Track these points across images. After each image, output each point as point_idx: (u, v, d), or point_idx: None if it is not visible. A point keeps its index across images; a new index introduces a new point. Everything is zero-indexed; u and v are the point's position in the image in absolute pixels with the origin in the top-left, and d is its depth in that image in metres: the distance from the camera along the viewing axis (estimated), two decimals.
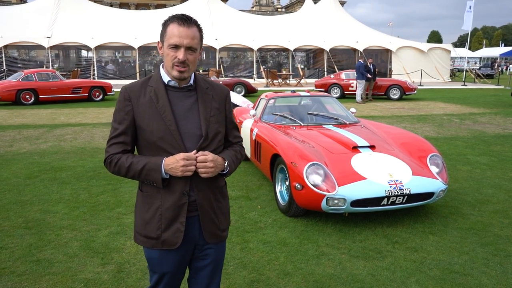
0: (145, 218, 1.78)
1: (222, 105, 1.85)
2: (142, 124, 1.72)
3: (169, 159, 1.67)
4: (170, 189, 1.73)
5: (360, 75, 15.22)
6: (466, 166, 6.25)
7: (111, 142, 1.75)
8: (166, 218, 1.74)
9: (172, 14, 1.73)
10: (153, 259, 1.82)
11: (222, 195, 1.89)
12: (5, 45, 23.18)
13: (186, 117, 1.74)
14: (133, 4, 57.87)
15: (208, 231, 1.81)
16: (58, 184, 5.30)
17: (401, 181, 3.90)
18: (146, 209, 1.78)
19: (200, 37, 1.73)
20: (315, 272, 3.17)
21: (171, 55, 1.68)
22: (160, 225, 1.75)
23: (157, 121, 1.70)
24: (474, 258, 3.39)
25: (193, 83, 1.79)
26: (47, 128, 9.68)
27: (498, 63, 45.69)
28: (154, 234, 1.76)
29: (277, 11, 73.71)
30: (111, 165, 1.74)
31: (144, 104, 1.72)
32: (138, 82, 1.79)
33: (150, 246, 1.79)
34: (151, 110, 1.71)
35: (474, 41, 78.45)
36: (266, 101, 5.97)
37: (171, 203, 1.73)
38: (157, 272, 1.83)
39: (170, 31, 1.68)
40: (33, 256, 3.36)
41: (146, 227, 1.77)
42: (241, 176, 5.70)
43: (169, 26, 1.69)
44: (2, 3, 45.23)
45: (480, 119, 11.38)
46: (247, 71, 27.08)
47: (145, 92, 1.74)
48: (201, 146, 1.72)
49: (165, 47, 1.71)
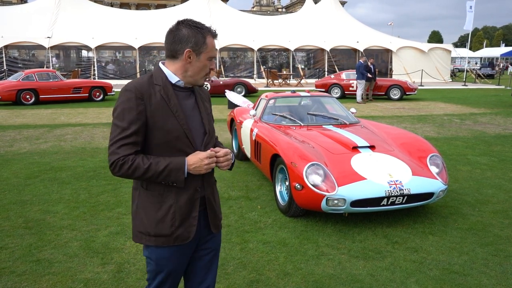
0: (157, 217, 1.77)
1: (209, 104, 1.99)
2: (157, 124, 1.71)
3: (192, 159, 1.72)
4: (185, 186, 1.76)
5: (360, 75, 15.22)
6: (466, 166, 6.25)
7: (121, 143, 1.67)
8: (180, 215, 1.77)
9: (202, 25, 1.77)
10: (162, 258, 1.81)
11: (216, 189, 2.01)
12: (6, 45, 23.20)
13: (190, 116, 1.80)
14: (134, 4, 57.91)
15: (213, 222, 1.92)
16: (58, 184, 5.31)
17: (401, 181, 3.90)
18: (157, 208, 1.77)
19: None
20: (315, 272, 3.17)
21: (208, 65, 1.79)
22: (174, 222, 1.77)
23: (171, 120, 1.72)
24: (474, 259, 3.38)
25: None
26: (47, 128, 9.69)
27: (499, 63, 45.65)
28: (168, 231, 1.77)
29: (277, 11, 73.74)
30: (123, 166, 1.66)
31: (156, 103, 1.71)
32: (143, 80, 1.75)
33: (161, 244, 1.78)
34: (164, 110, 1.72)
35: (474, 41, 78.40)
36: (266, 101, 5.97)
37: (186, 200, 1.78)
38: (164, 271, 1.83)
39: (210, 43, 1.76)
40: (33, 256, 3.37)
41: (158, 226, 1.77)
42: (241, 176, 5.70)
43: (207, 38, 1.76)
44: (3, 3, 45.31)
45: (481, 119, 11.37)
46: (248, 71, 27.08)
47: (155, 91, 1.72)
48: (205, 142, 1.83)
49: (203, 59, 1.77)
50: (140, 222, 1.81)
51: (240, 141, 6.27)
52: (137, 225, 1.82)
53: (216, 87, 16.88)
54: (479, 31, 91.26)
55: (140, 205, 1.81)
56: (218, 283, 3.00)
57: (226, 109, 13.08)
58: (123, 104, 1.69)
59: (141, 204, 1.80)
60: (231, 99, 10.90)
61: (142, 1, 58.49)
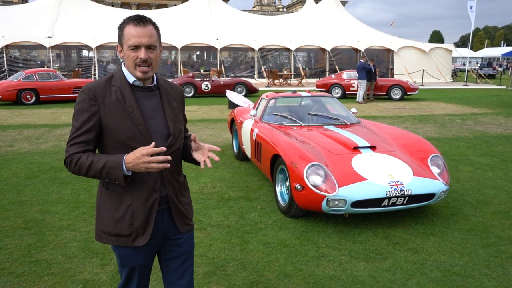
0: (115, 217, 1.78)
1: (180, 104, 1.92)
2: (111, 124, 1.71)
3: (130, 156, 1.65)
4: (141, 186, 1.76)
5: (361, 75, 15.18)
6: (467, 167, 6.23)
7: (72, 141, 1.72)
8: (138, 215, 1.77)
9: (128, 17, 1.74)
10: (124, 254, 1.84)
11: (185, 188, 1.97)
12: (7, 45, 23.18)
13: (152, 117, 1.77)
14: (135, 4, 57.91)
15: (180, 221, 1.89)
16: (58, 184, 5.29)
17: (402, 182, 3.88)
18: (116, 208, 1.78)
19: (158, 35, 1.76)
20: (315, 273, 3.15)
21: (132, 55, 1.71)
22: (132, 222, 1.77)
23: (126, 121, 1.71)
24: (475, 260, 3.36)
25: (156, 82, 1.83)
26: (47, 128, 9.68)
27: (501, 63, 45.56)
28: (127, 232, 1.78)
29: (278, 11, 73.69)
30: (71, 164, 1.71)
31: (111, 104, 1.72)
32: (100, 81, 1.77)
33: (121, 244, 1.80)
34: (119, 110, 1.72)
35: (476, 41, 78.34)
36: (266, 101, 5.95)
37: (143, 200, 1.76)
38: (128, 266, 1.87)
39: (127, 32, 1.70)
40: (32, 256, 3.35)
41: (116, 226, 1.78)
42: (242, 177, 5.69)
43: (125, 28, 1.71)
44: (4, 3, 45.35)
45: (482, 119, 11.34)
46: (248, 71, 27.03)
47: (110, 92, 1.73)
48: (170, 143, 1.78)
49: (125, 49, 1.72)
50: (102, 222, 1.83)
51: (240, 141, 6.25)
52: (99, 224, 1.84)
53: (216, 87, 16.88)
54: (480, 31, 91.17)
55: (102, 205, 1.83)
56: (218, 284, 2.98)
57: (227, 109, 13.07)
58: (78, 105, 1.73)
59: (102, 204, 1.83)
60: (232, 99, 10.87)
61: (143, 1, 58.50)
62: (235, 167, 6.18)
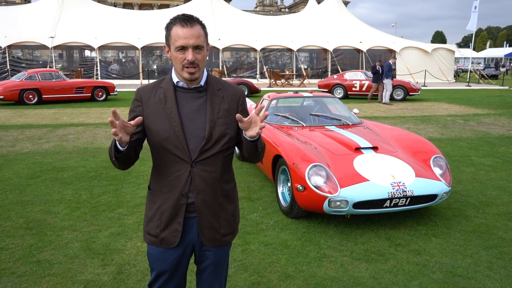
0: (149, 216, 1.84)
1: (233, 106, 1.80)
2: (151, 124, 1.74)
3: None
4: (171, 189, 1.76)
5: (387, 74, 15.08)
6: (470, 168, 6.20)
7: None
8: (165, 217, 1.78)
9: (173, 16, 1.72)
10: (152, 255, 1.85)
11: (228, 199, 1.85)
12: (9, 45, 23.26)
13: (192, 118, 1.74)
14: (137, 4, 57.98)
15: (205, 234, 1.80)
16: (60, 184, 5.30)
17: (404, 183, 3.86)
18: (150, 207, 1.84)
19: (205, 34, 1.73)
20: (317, 274, 3.14)
21: (179, 57, 1.68)
22: (160, 224, 1.79)
23: (163, 122, 1.72)
24: (478, 261, 3.35)
25: (204, 84, 1.77)
26: (49, 128, 9.69)
27: (504, 63, 45.45)
28: (154, 232, 1.81)
29: (280, 11, 73.62)
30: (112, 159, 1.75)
31: (153, 105, 1.75)
32: (152, 83, 1.83)
33: (150, 243, 1.84)
34: (159, 111, 1.74)
35: (478, 41, 78.13)
36: (268, 102, 5.95)
37: (171, 203, 1.76)
38: (155, 269, 1.87)
39: (174, 33, 1.67)
40: (34, 257, 3.35)
41: (148, 224, 1.83)
42: (243, 177, 5.68)
43: (172, 29, 1.68)
44: (6, 3, 45.49)
45: (485, 120, 11.30)
46: (250, 71, 27.04)
47: (156, 93, 1.77)
48: (203, 148, 1.72)
49: (172, 51, 1.70)
50: (144, 219, 1.90)
51: None
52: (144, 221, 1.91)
53: None
54: (483, 31, 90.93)
55: (146, 203, 1.90)
56: None
57: None
58: (131, 105, 1.82)
59: (146, 202, 1.90)
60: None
61: (145, 1, 58.56)
62: (236, 167, 6.18)
